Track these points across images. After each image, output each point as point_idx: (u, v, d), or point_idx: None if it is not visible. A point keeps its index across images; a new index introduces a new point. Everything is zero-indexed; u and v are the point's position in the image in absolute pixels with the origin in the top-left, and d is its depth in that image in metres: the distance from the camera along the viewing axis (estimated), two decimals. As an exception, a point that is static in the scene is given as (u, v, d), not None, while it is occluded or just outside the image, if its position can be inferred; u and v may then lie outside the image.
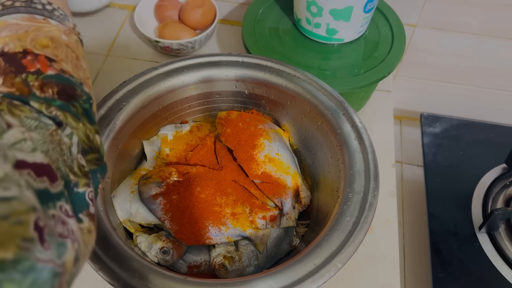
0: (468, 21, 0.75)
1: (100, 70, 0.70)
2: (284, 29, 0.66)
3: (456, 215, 0.69)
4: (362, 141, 0.47)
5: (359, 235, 0.41)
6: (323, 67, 0.61)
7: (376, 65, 0.61)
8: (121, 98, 0.49)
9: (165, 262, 0.45)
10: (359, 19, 0.60)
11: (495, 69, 0.82)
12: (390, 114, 0.69)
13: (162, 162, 0.53)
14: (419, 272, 0.74)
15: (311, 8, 0.60)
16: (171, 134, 0.54)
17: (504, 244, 0.64)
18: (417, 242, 0.77)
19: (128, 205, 0.48)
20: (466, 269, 0.63)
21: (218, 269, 0.46)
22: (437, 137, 0.80)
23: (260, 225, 0.48)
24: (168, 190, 0.48)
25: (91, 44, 0.74)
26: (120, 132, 0.48)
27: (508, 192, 0.70)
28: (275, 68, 0.53)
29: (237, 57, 0.53)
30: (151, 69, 0.52)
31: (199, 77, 0.53)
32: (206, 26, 0.73)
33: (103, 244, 0.39)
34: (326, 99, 0.50)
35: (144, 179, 0.49)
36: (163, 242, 0.45)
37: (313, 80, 0.52)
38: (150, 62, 0.72)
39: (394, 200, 0.59)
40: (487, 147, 0.78)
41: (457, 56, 0.81)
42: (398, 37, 0.64)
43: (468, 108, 0.88)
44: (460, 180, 0.73)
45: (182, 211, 0.47)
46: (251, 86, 0.54)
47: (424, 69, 0.85)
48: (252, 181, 0.50)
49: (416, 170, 0.89)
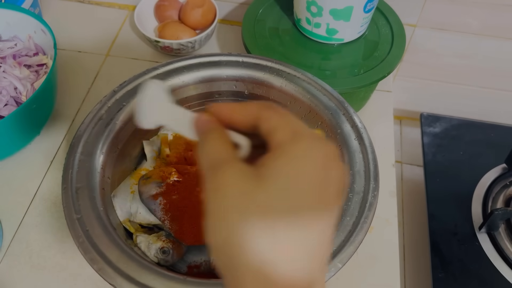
0: (468, 21, 0.75)
1: (100, 70, 0.70)
2: (284, 29, 0.66)
3: (456, 215, 0.69)
4: (362, 141, 0.47)
5: (359, 235, 0.41)
6: (323, 67, 0.61)
7: (376, 65, 0.61)
8: (121, 98, 0.49)
9: (165, 262, 0.45)
10: (359, 19, 0.60)
11: (495, 69, 0.82)
12: (390, 114, 0.68)
13: (162, 162, 0.53)
14: (419, 272, 0.74)
15: (311, 8, 0.60)
16: (171, 134, 0.54)
17: (504, 244, 0.64)
18: (417, 242, 0.77)
19: (128, 205, 0.48)
20: (466, 269, 0.63)
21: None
22: (437, 137, 0.80)
23: (260, 225, 0.48)
24: (168, 190, 0.48)
25: (91, 44, 0.74)
26: (120, 132, 0.48)
27: (508, 192, 0.70)
28: (275, 68, 0.53)
29: (237, 57, 0.53)
30: (151, 69, 0.52)
31: (199, 77, 0.53)
32: (206, 26, 0.73)
33: (103, 244, 0.39)
34: (326, 99, 0.50)
35: (144, 179, 0.49)
36: (163, 242, 0.45)
37: (313, 80, 0.52)
38: (150, 62, 0.72)
39: (394, 200, 0.59)
40: (487, 147, 0.78)
41: (457, 56, 0.81)
42: (398, 37, 0.64)
43: (468, 108, 0.88)
44: (460, 180, 0.73)
45: (182, 211, 0.47)
46: (251, 86, 0.54)
47: (424, 69, 0.85)
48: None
49: (416, 170, 0.89)
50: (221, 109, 0.27)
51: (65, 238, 0.53)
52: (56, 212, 0.55)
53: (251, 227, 0.22)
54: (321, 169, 0.23)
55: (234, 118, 0.27)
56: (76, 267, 0.51)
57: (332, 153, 0.24)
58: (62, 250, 0.52)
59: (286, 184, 0.22)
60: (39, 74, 0.61)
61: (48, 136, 0.62)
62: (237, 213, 0.22)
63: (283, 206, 0.22)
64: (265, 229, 0.21)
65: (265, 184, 0.22)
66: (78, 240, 0.40)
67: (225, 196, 0.23)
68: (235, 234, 0.22)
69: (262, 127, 0.25)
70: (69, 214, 0.41)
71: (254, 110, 0.26)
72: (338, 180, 0.24)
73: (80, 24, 0.77)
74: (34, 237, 0.53)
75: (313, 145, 0.24)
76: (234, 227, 0.22)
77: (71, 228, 0.40)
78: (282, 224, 0.22)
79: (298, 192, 0.22)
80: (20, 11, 0.61)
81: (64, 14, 0.79)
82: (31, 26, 0.61)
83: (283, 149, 0.24)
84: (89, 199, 0.42)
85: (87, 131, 0.47)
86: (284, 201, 0.22)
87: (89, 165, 0.45)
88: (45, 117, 0.61)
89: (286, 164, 0.23)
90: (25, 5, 0.68)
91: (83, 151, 0.45)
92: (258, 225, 0.21)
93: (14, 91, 0.59)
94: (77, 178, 0.43)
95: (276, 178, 0.23)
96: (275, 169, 0.23)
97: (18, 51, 0.62)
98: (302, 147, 0.24)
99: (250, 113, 0.26)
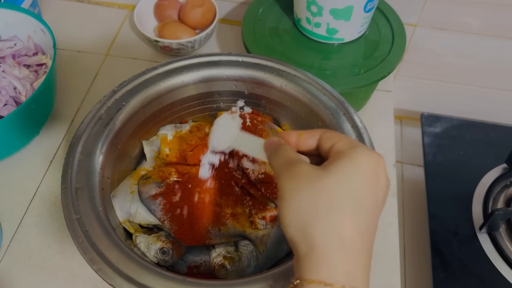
0: (469, 21, 0.75)
1: (99, 70, 0.70)
2: (284, 29, 0.66)
3: (456, 215, 0.69)
4: (363, 141, 0.47)
5: (359, 235, 0.41)
6: (323, 66, 0.61)
7: (376, 64, 0.61)
8: (121, 98, 0.49)
9: (165, 262, 0.45)
10: (359, 19, 0.60)
11: (495, 69, 0.82)
12: (391, 114, 0.68)
13: (161, 162, 0.53)
14: (419, 272, 0.74)
15: (311, 8, 0.59)
16: (171, 134, 0.54)
17: (505, 245, 0.64)
18: (418, 242, 0.77)
19: (127, 205, 0.48)
20: (466, 269, 0.63)
21: (217, 269, 0.46)
22: (437, 137, 0.80)
23: (260, 225, 0.48)
24: (167, 190, 0.48)
25: (90, 43, 0.74)
26: (120, 132, 0.48)
27: (509, 192, 0.70)
28: (275, 68, 0.52)
29: (237, 57, 0.53)
30: (151, 69, 0.52)
31: (199, 77, 0.52)
32: (206, 25, 0.73)
33: (103, 245, 0.39)
34: (326, 99, 0.50)
35: (144, 179, 0.49)
36: (162, 243, 0.45)
37: (313, 80, 0.52)
38: (149, 62, 0.72)
39: (394, 200, 0.59)
40: (487, 147, 0.78)
41: (457, 56, 0.81)
42: (398, 37, 0.64)
43: (468, 108, 0.88)
44: (461, 180, 0.73)
45: (182, 211, 0.47)
46: (251, 86, 0.53)
47: (425, 69, 0.85)
48: (252, 181, 0.50)
49: (416, 170, 0.89)
50: (289, 133, 0.34)
51: (64, 238, 0.53)
52: (56, 212, 0.55)
53: (321, 202, 0.28)
54: (373, 172, 0.29)
55: (300, 140, 0.33)
56: (75, 267, 0.51)
57: (382, 163, 0.30)
58: (61, 250, 0.52)
59: (352, 176, 0.28)
60: (38, 74, 0.61)
61: (48, 136, 0.62)
62: (310, 191, 0.28)
63: (345, 191, 0.28)
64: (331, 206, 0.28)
65: (333, 172, 0.29)
66: (77, 241, 0.39)
67: (300, 179, 0.29)
68: (308, 205, 0.28)
69: (324, 145, 0.32)
70: (68, 214, 0.41)
71: (317, 133, 0.33)
72: (385, 187, 0.30)
73: (79, 24, 0.77)
74: (33, 237, 0.53)
75: (368, 152, 0.30)
76: (308, 201, 0.28)
77: (70, 228, 0.40)
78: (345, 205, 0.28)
79: (360, 184, 0.28)
80: (19, 10, 0.61)
81: (63, 14, 0.79)
82: (31, 25, 0.61)
83: (343, 153, 0.30)
84: (89, 199, 0.42)
85: (86, 131, 0.46)
86: (345, 189, 0.28)
87: (88, 165, 0.45)
88: (44, 117, 0.61)
89: (346, 162, 0.29)
90: (25, 5, 0.67)
91: (82, 151, 0.45)
92: (325, 201, 0.28)
93: (14, 91, 0.58)
94: (77, 178, 0.43)
95: (342, 170, 0.29)
96: (339, 165, 0.29)
97: (18, 51, 0.62)
98: (359, 152, 0.29)
99: (314, 135, 0.33)
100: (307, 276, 0.27)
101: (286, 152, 0.32)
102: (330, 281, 0.26)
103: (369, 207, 0.28)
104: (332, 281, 0.26)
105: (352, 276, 0.27)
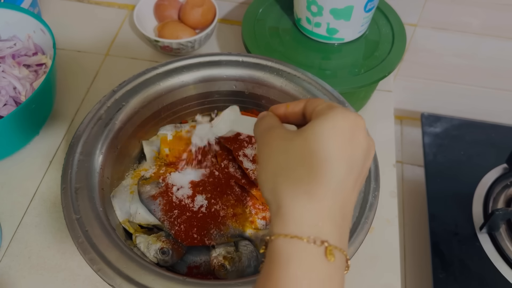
0: (469, 21, 0.75)
1: (99, 70, 0.70)
2: (284, 29, 0.66)
3: (456, 216, 0.69)
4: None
5: (359, 235, 0.41)
6: (324, 66, 0.61)
7: (376, 64, 0.61)
8: (121, 98, 0.49)
9: (165, 262, 0.45)
10: (359, 19, 0.60)
11: (495, 69, 0.82)
12: (391, 114, 0.68)
13: (161, 162, 0.53)
14: (419, 273, 0.74)
15: (312, 8, 0.59)
16: (171, 134, 0.54)
17: (505, 245, 0.64)
18: (418, 243, 0.77)
19: (127, 206, 0.48)
20: (466, 269, 0.63)
21: (217, 269, 0.46)
22: (437, 137, 0.79)
23: (260, 225, 0.48)
24: (168, 190, 0.48)
25: (90, 43, 0.74)
26: (120, 132, 0.48)
27: (509, 192, 0.70)
28: (275, 68, 0.52)
29: (237, 57, 0.53)
30: (151, 69, 0.51)
31: (199, 77, 0.52)
32: (205, 25, 0.73)
33: (103, 245, 0.39)
34: (326, 99, 0.50)
35: (144, 179, 0.49)
36: (162, 243, 0.45)
37: (313, 79, 0.52)
38: (149, 62, 0.72)
39: (394, 201, 0.59)
40: (488, 147, 0.78)
41: (457, 55, 0.81)
42: (398, 37, 0.64)
43: (469, 108, 0.88)
44: (461, 180, 0.73)
45: (182, 211, 0.47)
46: (251, 86, 0.53)
47: (425, 69, 0.85)
48: (252, 181, 0.50)
49: (416, 170, 0.89)
50: (278, 106, 0.35)
51: (64, 238, 0.53)
52: (55, 212, 0.55)
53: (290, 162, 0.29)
54: (348, 132, 0.29)
55: (288, 110, 0.34)
56: (75, 267, 0.51)
57: (361, 124, 0.30)
58: (61, 250, 0.52)
59: (321, 134, 0.29)
60: (38, 74, 0.61)
61: (47, 136, 0.62)
62: (281, 153, 0.30)
63: (313, 148, 0.28)
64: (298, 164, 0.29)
65: (304, 132, 0.30)
66: (77, 241, 0.39)
67: (274, 144, 0.31)
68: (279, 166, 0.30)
69: (307, 111, 0.33)
70: (68, 214, 0.41)
71: (303, 102, 0.34)
72: (365, 149, 0.30)
73: (79, 24, 0.77)
74: (33, 238, 0.53)
75: (345, 112, 0.30)
76: (279, 162, 0.30)
77: (70, 228, 0.40)
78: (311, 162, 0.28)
79: (330, 141, 0.29)
80: (19, 10, 0.61)
81: (63, 14, 0.79)
82: (31, 25, 0.61)
83: (320, 113, 0.30)
84: (89, 199, 0.42)
85: (86, 131, 0.46)
86: (313, 146, 0.29)
87: (88, 165, 0.44)
88: (44, 117, 0.61)
89: (321, 121, 0.29)
90: (25, 5, 0.67)
91: (82, 151, 0.45)
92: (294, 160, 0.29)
93: (13, 91, 0.58)
94: (77, 178, 0.43)
95: (312, 129, 0.29)
96: (312, 125, 0.30)
97: (17, 50, 0.62)
98: (336, 111, 0.30)
99: (300, 104, 0.34)
100: (276, 231, 0.28)
101: (267, 120, 0.34)
102: (296, 234, 0.27)
103: (341, 164, 0.28)
104: (298, 233, 0.27)
105: (319, 228, 0.28)
